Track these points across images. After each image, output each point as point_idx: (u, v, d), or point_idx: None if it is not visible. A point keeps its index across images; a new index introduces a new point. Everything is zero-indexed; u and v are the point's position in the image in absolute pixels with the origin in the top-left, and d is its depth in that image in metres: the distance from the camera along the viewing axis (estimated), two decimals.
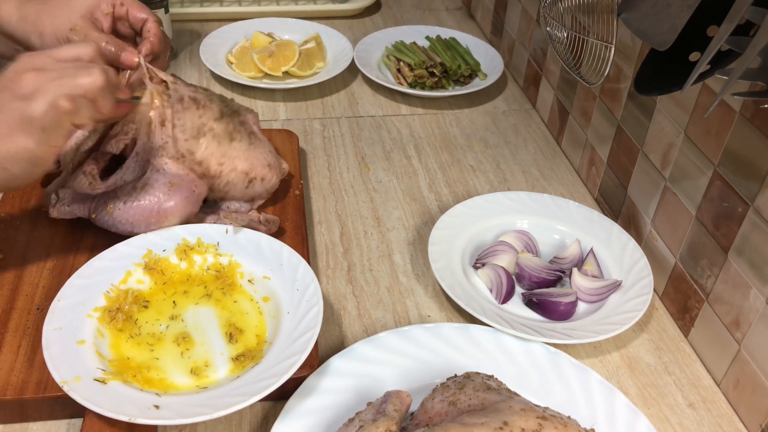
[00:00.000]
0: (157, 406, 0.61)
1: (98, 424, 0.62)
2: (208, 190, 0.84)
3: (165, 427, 0.67)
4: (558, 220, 0.92)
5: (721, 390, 0.75)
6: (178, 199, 0.79)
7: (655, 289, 0.85)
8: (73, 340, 0.66)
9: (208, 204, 0.87)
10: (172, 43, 1.29)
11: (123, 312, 0.71)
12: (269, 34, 1.32)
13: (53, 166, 0.86)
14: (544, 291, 0.81)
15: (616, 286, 0.81)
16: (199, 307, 0.74)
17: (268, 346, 0.69)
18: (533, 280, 0.83)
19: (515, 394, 0.60)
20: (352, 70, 1.28)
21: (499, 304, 0.81)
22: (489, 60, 1.30)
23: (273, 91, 1.22)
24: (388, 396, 0.61)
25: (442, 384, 0.62)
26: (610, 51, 0.64)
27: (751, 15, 0.49)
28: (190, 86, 0.83)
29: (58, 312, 0.69)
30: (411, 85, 1.23)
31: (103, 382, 0.63)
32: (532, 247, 0.88)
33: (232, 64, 1.26)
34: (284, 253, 0.78)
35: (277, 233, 0.84)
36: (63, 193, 0.80)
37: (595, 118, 1.01)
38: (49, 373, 0.62)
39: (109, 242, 0.78)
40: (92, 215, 0.79)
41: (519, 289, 0.84)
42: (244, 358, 0.68)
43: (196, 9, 1.43)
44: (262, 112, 1.17)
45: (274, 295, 0.74)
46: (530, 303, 0.81)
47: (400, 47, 1.30)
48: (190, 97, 0.81)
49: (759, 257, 0.68)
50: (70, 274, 0.73)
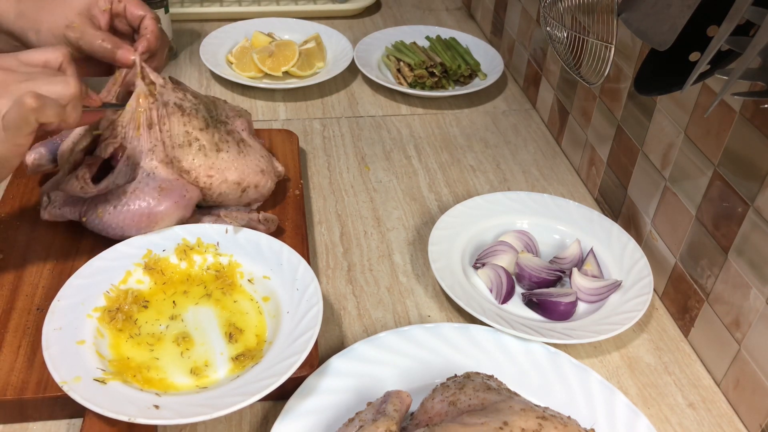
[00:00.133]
0: (156, 406, 0.61)
1: (98, 424, 0.62)
2: (202, 200, 0.83)
3: (165, 427, 0.67)
4: (558, 220, 0.92)
5: (721, 390, 0.75)
6: (168, 203, 0.78)
7: (655, 289, 0.85)
8: (73, 340, 0.66)
9: (205, 208, 0.86)
10: (172, 42, 1.29)
11: (123, 312, 0.71)
12: (269, 34, 1.32)
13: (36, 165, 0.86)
14: (544, 291, 0.81)
15: (616, 286, 0.81)
16: (199, 307, 0.74)
17: (268, 346, 0.69)
18: (533, 280, 0.83)
19: (515, 394, 0.60)
20: (352, 70, 1.28)
21: (499, 304, 0.81)
22: (489, 60, 1.30)
23: (273, 91, 1.22)
24: (388, 396, 0.61)
25: (442, 384, 0.62)
26: (610, 51, 0.64)
27: (751, 15, 0.49)
28: (180, 92, 0.82)
29: (58, 312, 0.69)
30: (411, 85, 1.23)
31: (103, 382, 0.63)
32: (532, 247, 0.88)
33: (232, 64, 1.26)
34: (284, 252, 0.78)
35: (277, 233, 0.84)
36: (54, 196, 0.80)
37: (595, 118, 1.01)
38: (49, 373, 0.62)
39: (109, 242, 0.78)
40: (83, 218, 0.79)
41: (519, 289, 0.84)
42: (244, 358, 0.68)
43: (196, 9, 1.43)
44: (262, 112, 1.17)
45: (273, 295, 0.74)
46: (530, 303, 0.81)
47: (400, 47, 1.30)
48: (175, 104, 0.80)
49: (759, 257, 0.68)
50: (70, 274, 0.73)
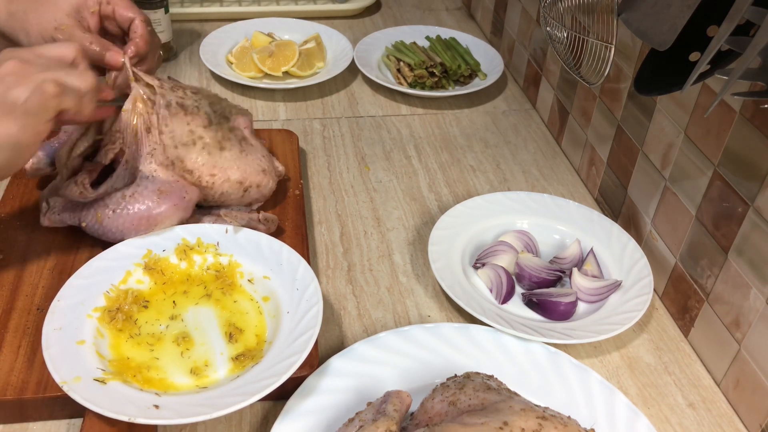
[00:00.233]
0: (156, 406, 0.61)
1: (98, 424, 0.62)
2: (203, 199, 0.83)
3: (165, 426, 0.67)
4: (558, 220, 0.92)
5: (721, 390, 0.75)
6: (167, 205, 0.78)
7: (655, 289, 0.85)
8: (73, 340, 0.66)
9: (205, 208, 0.86)
10: (172, 42, 1.29)
11: (123, 312, 0.71)
12: (269, 34, 1.32)
13: (48, 157, 0.86)
14: (544, 291, 0.81)
15: (616, 286, 0.81)
16: (199, 307, 0.74)
17: (268, 346, 0.69)
18: (533, 280, 0.83)
19: (515, 394, 0.60)
20: (352, 70, 1.28)
21: (499, 304, 0.81)
22: (489, 60, 1.30)
23: (273, 91, 1.22)
24: (388, 396, 0.61)
25: (442, 384, 0.62)
26: (610, 51, 0.64)
27: (751, 15, 0.49)
28: (179, 90, 0.82)
29: (58, 312, 0.69)
30: (411, 85, 1.23)
31: (103, 382, 0.63)
32: (532, 247, 0.88)
33: (232, 64, 1.26)
34: (284, 252, 0.78)
35: (277, 233, 0.84)
36: (54, 202, 0.80)
37: (595, 118, 1.01)
38: (49, 373, 0.62)
39: (108, 243, 0.78)
40: (82, 224, 0.79)
41: (519, 289, 0.84)
42: (244, 358, 0.68)
43: (196, 9, 1.43)
44: (262, 112, 1.17)
45: (273, 295, 0.74)
46: (530, 303, 0.81)
47: (400, 47, 1.30)
48: (177, 103, 0.80)
49: (759, 257, 0.68)
50: (70, 274, 0.73)
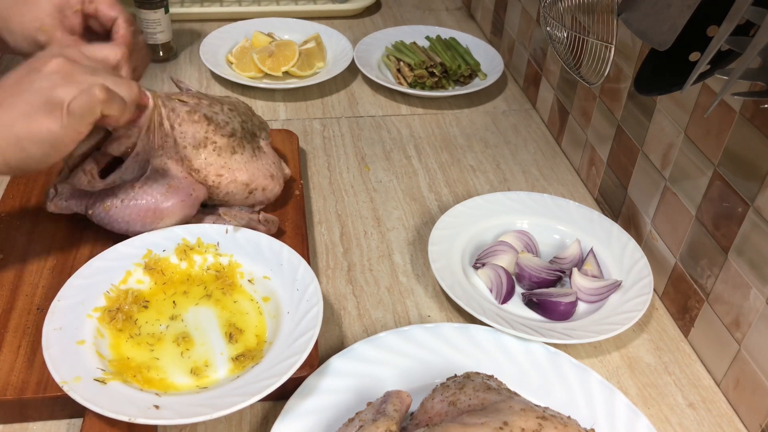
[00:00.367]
0: (157, 406, 0.61)
1: (98, 424, 0.62)
2: (207, 198, 0.84)
3: (165, 427, 0.67)
4: (558, 220, 0.92)
5: (721, 390, 0.75)
6: (175, 200, 0.78)
7: (655, 289, 0.85)
8: (73, 340, 0.66)
9: (207, 207, 0.86)
10: (172, 42, 1.29)
11: (123, 312, 0.71)
12: (269, 34, 1.32)
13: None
14: (544, 291, 0.81)
15: (616, 286, 0.81)
16: (199, 307, 0.74)
17: (268, 346, 0.69)
18: (533, 280, 0.83)
19: (515, 394, 0.60)
20: (352, 70, 1.28)
21: (499, 304, 0.81)
22: (489, 60, 1.30)
23: (273, 91, 1.22)
24: (388, 396, 0.61)
25: (442, 384, 0.62)
26: (610, 51, 0.64)
27: (751, 15, 0.49)
28: (217, 104, 0.84)
29: (58, 312, 0.69)
30: (411, 85, 1.23)
31: (103, 382, 0.63)
32: (532, 247, 0.88)
33: (232, 64, 1.26)
34: (284, 253, 0.78)
35: (277, 233, 0.84)
36: (61, 188, 0.80)
37: (595, 118, 1.01)
38: (49, 373, 0.62)
39: (109, 242, 0.78)
40: (89, 211, 0.79)
41: (519, 289, 0.84)
42: (244, 358, 0.68)
43: (196, 9, 1.43)
44: (262, 112, 1.17)
45: (274, 295, 0.74)
46: (530, 303, 0.81)
47: (400, 47, 1.30)
48: (205, 115, 0.81)
49: (759, 257, 0.68)
50: (70, 274, 0.73)
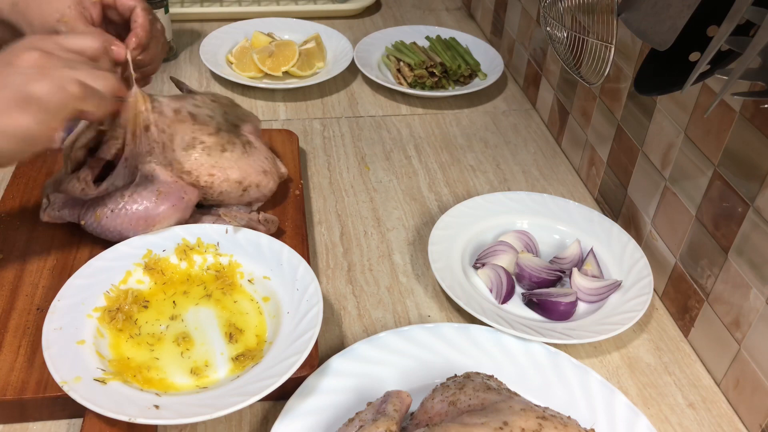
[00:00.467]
0: (157, 406, 0.61)
1: (98, 424, 0.62)
2: (202, 198, 0.83)
3: (165, 427, 0.67)
4: (558, 220, 0.92)
5: (721, 390, 0.75)
6: (166, 206, 0.78)
7: (655, 289, 0.85)
8: (73, 340, 0.66)
9: (205, 207, 0.86)
10: (172, 42, 1.29)
11: (123, 312, 0.71)
12: (269, 34, 1.32)
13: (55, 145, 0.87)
14: (544, 291, 0.81)
15: (616, 286, 0.81)
16: (199, 307, 0.74)
17: (268, 346, 0.69)
18: (533, 280, 0.83)
19: (515, 394, 0.60)
20: (352, 70, 1.28)
21: (499, 304, 0.81)
22: (489, 60, 1.30)
23: (273, 91, 1.22)
24: (388, 396, 0.61)
25: (442, 384, 0.62)
26: (610, 51, 0.64)
27: (751, 15, 0.49)
28: (198, 97, 0.83)
29: (58, 312, 0.69)
30: (411, 85, 1.23)
31: (103, 382, 0.63)
32: (532, 247, 0.88)
33: (232, 64, 1.26)
34: (284, 253, 0.78)
35: (277, 233, 0.84)
36: (54, 198, 0.80)
37: (595, 118, 1.01)
38: (49, 373, 0.63)
39: (109, 242, 0.78)
40: (81, 221, 0.79)
41: (519, 289, 0.84)
42: (244, 358, 0.68)
43: (196, 9, 1.43)
44: (262, 112, 1.17)
45: (274, 295, 0.74)
46: (530, 303, 0.81)
47: (400, 47, 1.30)
48: (189, 112, 0.81)
49: (759, 257, 0.68)
50: (70, 274, 0.73)
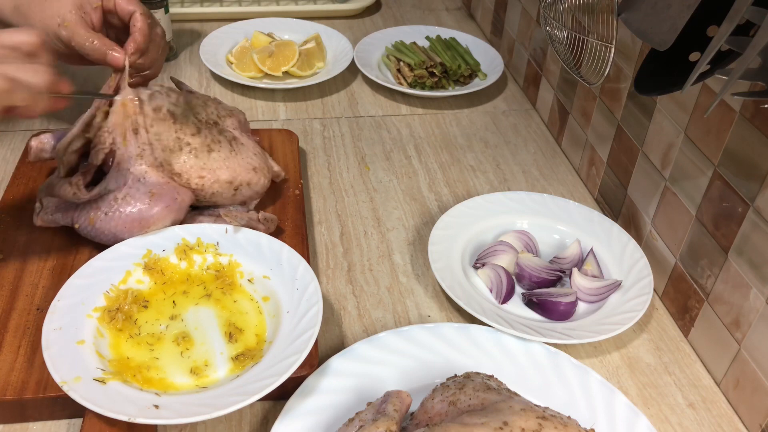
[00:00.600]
0: (156, 406, 0.61)
1: (98, 424, 0.62)
2: (196, 200, 0.83)
3: (165, 426, 0.67)
4: (558, 220, 0.92)
5: (721, 390, 0.75)
6: (159, 207, 0.78)
7: (655, 289, 0.85)
8: (73, 340, 0.66)
9: (200, 208, 0.86)
10: (172, 42, 1.29)
11: (123, 312, 0.71)
12: (269, 34, 1.32)
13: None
14: (544, 291, 0.81)
15: (616, 286, 0.81)
16: (199, 307, 0.74)
17: (268, 346, 0.69)
18: (533, 280, 0.83)
19: (515, 394, 0.60)
20: (352, 70, 1.28)
21: (499, 304, 0.81)
22: (489, 60, 1.30)
23: (273, 91, 1.22)
24: (388, 396, 0.61)
25: (442, 384, 0.62)
26: (610, 51, 0.64)
27: (751, 15, 0.49)
28: (174, 95, 0.83)
29: (58, 312, 0.69)
30: (411, 85, 1.23)
31: (102, 382, 0.63)
32: (532, 247, 0.88)
33: (232, 64, 1.26)
34: (284, 252, 0.78)
35: (277, 233, 0.84)
36: (47, 202, 0.80)
37: (595, 118, 1.01)
38: (49, 373, 0.62)
39: (103, 244, 0.78)
40: (75, 225, 0.79)
41: (519, 289, 0.84)
42: (244, 358, 0.68)
43: (196, 9, 1.43)
44: (262, 112, 1.17)
45: (273, 295, 0.74)
46: (530, 303, 0.81)
47: (400, 47, 1.30)
48: (168, 110, 0.80)
49: (759, 257, 0.68)
50: (70, 274, 0.73)
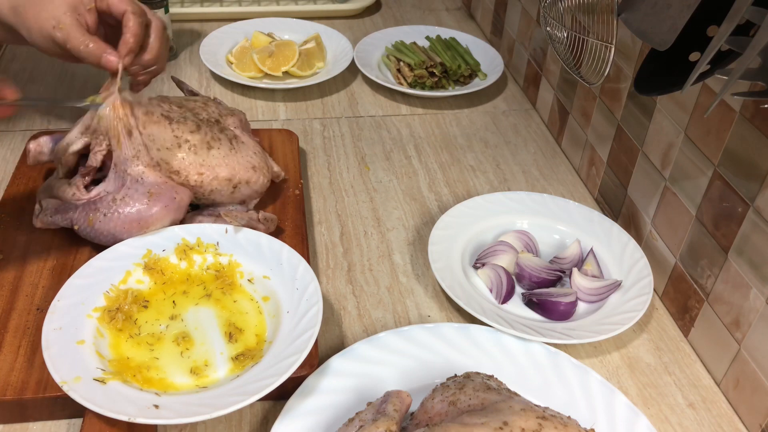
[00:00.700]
0: (156, 406, 0.61)
1: (98, 424, 0.62)
2: (195, 199, 0.83)
3: (165, 426, 0.67)
4: (558, 220, 0.92)
5: (721, 390, 0.75)
6: (158, 207, 0.78)
7: (655, 289, 0.85)
8: (73, 340, 0.66)
9: (200, 208, 0.86)
10: (172, 42, 1.29)
11: (123, 312, 0.71)
12: (269, 34, 1.32)
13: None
14: (544, 291, 0.81)
15: (616, 286, 0.81)
16: (199, 307, 0.74)
17: (268, 346, 0.69)
18: (533, 280, 0.83)
19: (515, 394, 0.60)
20: (352, 70, 1.28)
21: (499, 304, 0.81)
22: (489, 60, 1.30)
23: (273, 91, 1.22)
24: (388, 396, 0.61)
25: (442, 384, 0.62)
26: (610, 51, 0.64)
27: (751, 15, 0.49)
28: (167, 103, 0.83)
29: (58, 312, 0.69)
30: (411, 85, 1.23)
31: (102, 382, 0.63)
32: (532, 247, 0.88)
33: (232, 64, 1.26)
34: (284, 252, 0.78)
35: (277, 233, 0.84)
36: (46, 204, 0.80)
37: (595, 118, 1.01)
38: (49, 373, 0.62)
39: (102, 245, 0.78)
40: (75, 226, 0.79)
41: (519, 289, 0.84)
42: (244, 358, 0.68)
43: (196, 9, 1.43)
44: (262, 112, 1.17)
45: (273, 295, 0.74)
46: (530, 303, 0.81)
47: (400, 47, 1.30)
48: (162, 114, 0.81)
49: (759, 257, 0.68)
50: (70, 274, 0.73)
